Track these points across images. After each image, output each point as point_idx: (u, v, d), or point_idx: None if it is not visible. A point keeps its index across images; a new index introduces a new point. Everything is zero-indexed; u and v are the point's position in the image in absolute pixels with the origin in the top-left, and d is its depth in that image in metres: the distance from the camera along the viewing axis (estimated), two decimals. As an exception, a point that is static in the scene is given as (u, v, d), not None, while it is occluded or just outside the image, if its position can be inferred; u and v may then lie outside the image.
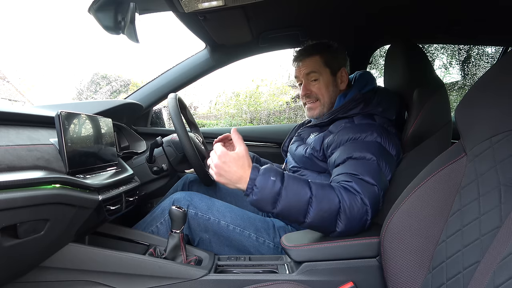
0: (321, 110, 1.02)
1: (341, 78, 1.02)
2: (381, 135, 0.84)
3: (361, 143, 0.83)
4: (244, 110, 5.03)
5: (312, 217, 0.70)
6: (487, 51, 3.00)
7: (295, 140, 1.08)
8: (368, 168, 0.77)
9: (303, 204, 0.70)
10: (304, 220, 0.71)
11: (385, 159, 0.81)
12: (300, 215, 0.71)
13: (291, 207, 0.70)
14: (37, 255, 0.66)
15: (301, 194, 0.70)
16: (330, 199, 0.71)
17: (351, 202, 0.71)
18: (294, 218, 0.72)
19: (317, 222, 0.71)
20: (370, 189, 0.74)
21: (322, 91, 1.01)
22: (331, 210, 0.71)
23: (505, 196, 0.50)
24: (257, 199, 0.70)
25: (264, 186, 0.69)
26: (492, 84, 0.58)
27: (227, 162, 0.71)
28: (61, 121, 0.68)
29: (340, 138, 0.86)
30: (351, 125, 0.89)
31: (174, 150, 1.13)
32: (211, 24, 1.10)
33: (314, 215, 0.70)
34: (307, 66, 1.02)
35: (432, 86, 0.90)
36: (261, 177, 0.70)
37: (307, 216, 0.70)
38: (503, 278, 0.43)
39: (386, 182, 0.79)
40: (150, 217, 0.99)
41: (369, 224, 0.74)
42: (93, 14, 0.88)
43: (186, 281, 0.75)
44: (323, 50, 1.01)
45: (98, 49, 13.19)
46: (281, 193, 0.69)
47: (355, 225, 0.72)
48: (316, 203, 0.70)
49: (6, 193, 0.51)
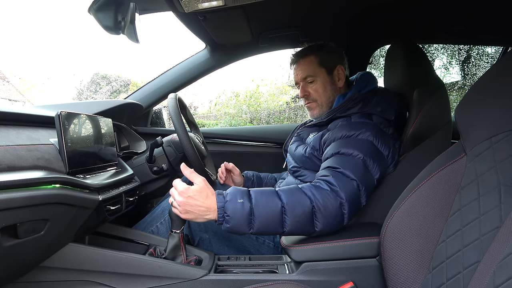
0: (320, 110, 1.03)
1: (338, 76, 1.02)
2: (375, 134, 0.84)
3: (352, 140, 0.83)
4: (244, 110, 5.02)
5: (289, 225, 0.70)
6: (487, 51, 3.00)
7: (294, 140, 1.08)
8: (351, 164, 0.78)
9: (277, 215, 0.70)
10: (283, 230, 0.71)
11: (375, 158, 0.81)
12: (278, 227, 0.71)
13: (267, 222, 0.70)
14: (37, 255, 0.66)
15: (272, 206, 0.70)
16: (302, 203, 0.71)
17: (324, 199, 0.71)
18: (272, 231, 0.72)
19: (296, 228, 0.71)
20: (348, 184, 0.74)
21: (320, 92, 1.02)
22: (306, 212, 0.71)
23: (505, 196, 0.50)
24: (231, 226, 0.69)
25: (234, 211, 0.69)
26: (492, 84, 0.58)
27: (191, 196, 0.70)
28: (61, 121, 0.68)
29: (335, 135, 0.87)
30: (347, 123, 0.89)
31: (174, 150, 1.13)
32: (211, 24, 1.10)
33: (290, 222, 0.70)
34: (302, 70, 1.03)
35: (432, 86, 0.90)
36: (229, 203, 0.69)
37: (285, 226, 0.71)
38: (503, 278, 0.43)
39: (371, 180, 0.80)
40: (150, 217, 0.99)
41: (347, 218, 0.74)
42: (93, 14, 0.88)
43: (186, 281, 0.75)
44: (317, 50, 1.02)
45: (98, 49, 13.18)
46: (253, 212, 0.69)
47: (333, 221, 0.72)
48: (289, 210, 0.70)
49: (6, 193, 0.51)
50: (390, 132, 0.89)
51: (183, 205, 0.71)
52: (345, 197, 0.72)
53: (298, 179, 0.97)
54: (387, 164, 0.85)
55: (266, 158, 1.55)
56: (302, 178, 0.96)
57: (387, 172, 0.87)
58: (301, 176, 0.97)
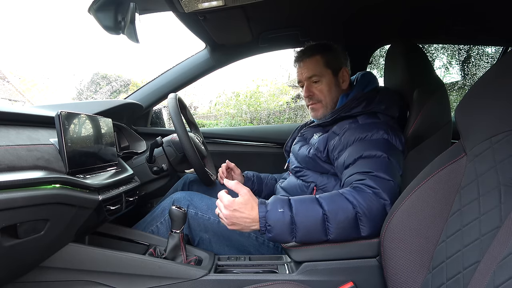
0: (324, 111, 1.02)
1: (343, 77, 1.02)
2: (387, 131, 0.83)
3: (368, 142, 0.82)
4: (244, 110, 5.02)
5: (333, 232, 0.70)
6: (487, 51, 2.99)
7: (298, 141, 1.08)
8: (381, 165, 0.77)
9: (319, 223, 0.70)
10: (327, 237, 0.71)
11: (395, 154, 0.81)
12: (322, 235, 0.70)
13: (309, 231, 0.70)
14: (37, 255, 0.66)
15: (313, 214, 0.70)
16: (344, 208, 0.70)
17: (368, 202, 0.70)
18: (316, 238, 0.71)
19: (340, 235, 0.71)
20: (387, 184, 0.73)
21: (324, 92, 1.00)
22: (349, 218, 0.70)
23: (505, 196, 0.50)
24: (274, 235, 0.70)
25: (275, 220, 0.69)
26: (492, 84, 0.58)
27: (237, 209, 0.71)
28: (61, 121, 0.68)
29: (347, 140, 0.86)
30: (356, 126, 0.88)
31: (174, 150, 1.13)
32: (211, 24, 1.10)
33: (334, 230, 0.70)
34: (308, 69, 1.01)
35: (432, 86, 0.90)
36: (269, 212, 0.70)
37: (329, 233, 0.70)
38: (503, 278, 0.43)
39: (399, 178, 0.79)
40: (150, 217, 0.99)
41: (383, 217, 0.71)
42: (93, 14, 0.88)
43: (186, 281, 0.75)
44: (324, 51, 1.01)
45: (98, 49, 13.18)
46: (294, 221, 0.69)
47: (378, 223, 0.70)
48: (332, 218, 0.69)
49: (6, 193, 0.51)
50: (398, 128, 0.89)
51: (230, 218, 0.72)
52: (388, 197, 0.71)
53: (300, 179, 0.97)
54: (403, 159, 0.85)
55: (266, 158, 1.55)
56: (304, 178, 0.96)
57: None
58: (303, 176, 0.97)
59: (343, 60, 1.03)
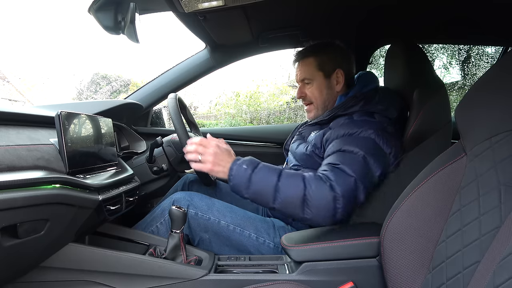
0: (315, 112, 1.04)
1: (337, 79, 1.01)
2: (377, 132, 0.84)
3: (354, 138, 0.84)
4: (244, 110, 5.02)
5: (279, 202, 0.77)
6: (487, 51, 3.00)
7: (296, 139, 1.08)
8: (351, 160, 0.80)
9: (270, 189, 0.77)
10: (273, 205, 0.78)
11: (376, 155, 0.81)
12: (269, 200, 0.77)
13: (260, 192, 0.78)
14: (37, 255, 0.66)
15: (268, 180, 0.78)
16: (296, 186, 0.76)
17: (318, 190, 0.75)
18: (264, 202, 0.79)
19: (284, 208, 0.77)
20: (346, 179, 0.76)
21: (315, 94, 1.02)
22: (296, 197, 0.75)
23: (505, 196, 0.50)
24: (233, 184, 0.80)
25: (237, 174, 0.79)
26: (492, 84, 0.58)
27: (224, 151, 0.82)
28: (61, 121, 0.67)
29: (337, 133, 0.88)
30: (350, 121, 0.90)
31: (174, 150, 1.13)
32: (211, 24, 1.10)
33: (281, 200, 0.76)
34: (301, 71, 1.03)
35: (432, 86, 0.90)
36: (236, 166, 0.80)
37: (275, 202, 0.77)
38: (503, 278, 0.43)
39: (372, 178, 0.81)
40: (150, 217, 0.99)
41: (341, 213, 0.75)
42: (93, 14, 0.88)
43: (186, 281, 0.75)
44: (319, 52, 1.02)
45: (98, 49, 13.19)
46: (250, 179, 0.78)
47: (325, 213, 0.75)
48: (282, 190, 0.76)
49: (6, 193, 0.51)
50: (393, 131, 0.89)
51: (216, 156, 0.81)
52: (341, 192, 0.75)
53: None
54: (389, 162, 0.85)
55: (266, 158, 1.54)
56: None
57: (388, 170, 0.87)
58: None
59: (340, 61, 1.02)
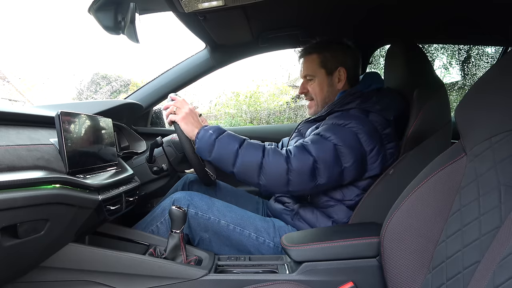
0: (315, 109, 1.06)
1: (339, 77, 1.02)
2: (363, 129, 0.85)
3: (337, 128, 0.86)
4: (244, 110, 5.02)
5: (238, 167, 0.83)
6: (487, 51, 2.99)
7: (295, 136, 1.10)
8: (320, 144, 0.83)
9: (231, 155, 0.83)
10: (232, 169, 0.84)
11: (351, 148, 0.83)
12: (229, 164, 0.84)
13: (222, 156, 0.84)
14: (37, 255, 0.66)
15: (230, 146, 0.84)
16: (254, 154, 0.82)
17: (274, 160, 0.81)
18: (224, 166, 0.85)
19: (242, 173, 0.84)
20: (304, 157, 0.81)
21: (316, 91, 1.04)
22: (253, 163, 0.82)
23: (505, 196, 0.50)
24: (197, 147, 0.87)
25: (203, 137, 0.86)
26: (492, 84, 0.58)
27: (195, 115, 0.91)
28: (61, 121, 0.67)
29: (327, 122, 0.91)
30: (341, 114, 0.91)
31: (174, 150, 1.13)
32: (211, 24, 1.10)
33: (239, 165, 0.83)
34: (304, 67, 1.05)
35: (432, 86, 0.90)
36: (203, 130, 0.87)
37: (234, 166, 0.83)
38: (503, 278, 0.43)
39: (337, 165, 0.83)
40: (150, 217, 0.99)
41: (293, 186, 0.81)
42: (93, 14, 0.88)
43: (186, 281, 0.75)
44: (322, 49, 1.02)
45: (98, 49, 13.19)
46: (215, 144, 0.84)
47: (276, 182, 0.82)
48: (241, 155, 0.83)
49: (6, 193, 0.51)
50: (385, 132, 0.88)
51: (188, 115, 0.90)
52: (294, 165, 0.80)
53: None
54: (367, 160, 0.86)
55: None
56: None
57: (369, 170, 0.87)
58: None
59: (344, 59, 1.03)
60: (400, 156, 0.89)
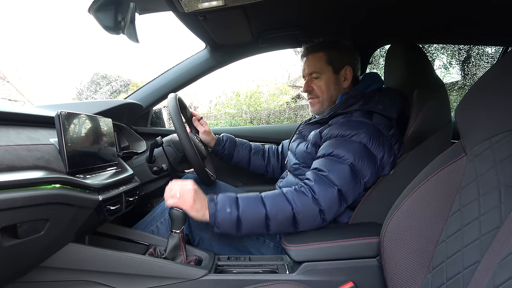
0: (320, 106, 1.05)
1: (345, 76, 1.02)
2: (370, 136, 0.85)
3: (346, 141, 0.86)
4: (244, 110, 5.02)
5: (273, 228, 0.80)
6: (487, 51, 3.00)
7: (296, 138, 1.09)
8: (338, 168, 0.82)
9: (261, 221, 0.79)
10: (268, 231, 0.80)
11: (365, 160, 0.84)
12: (264, 229, 0.80)
13: (253, 227, 0.80)
14: (37, 255, 0.66)
15: (257, 214, 0.79)
16: (284, 209, 0.79)
17: (304, 206, 0.79)
18: (259, 232, 0.84)
19: (279, 230, 0.82)
20: (329, 191, 0.80)
21: (322, 89, 1.03)
22: (287, 218, 0.79)
23: (505, 196, 0.50)
24: (221, 231, 0.79)
25: (223, 219, 0.78)
26: (492, 84, 0.58)
27: (200, 194, 0.81)
28: (61, 121, 0.67)
29: (332, 132, 0.89)
30: (346, 121, 0.91)
31: (174, 150, 1.13)
32: (211, 24, 1.09)
33: (274, 226, 0.79)
34: (310, 65, 1.04)
35: (432, 86, 0.90)
36: (218, 212, 0.78)
37: (269, 229, 0.80)
38: (503, 278, 0.43)
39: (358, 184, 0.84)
40: (150, 217, 0.99)
41: (327, 220, 0.81)
42: (93, 14, 0.88)
43: (186, 281, 0.75)
44: (329, 48, 1.02)
45: (98, 49, 13.20)
46: (240, 220, 0.78)
47: (312, 223, 0.81)
48: (272, 217, 0.79)
49: (6, 193, 0.51)
50: (390, 133, 0.88)
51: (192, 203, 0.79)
52: (324, 205, 0.79)
53: (298, 178, 0.97)
54: (380, 165, 0.87)
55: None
56: (302, 177, 0.96)
57: (382, 173, 0.88)
58: (301, 175, 0.97)
59: (349, 59, 1.03)
60: (400, 157, 0.89)
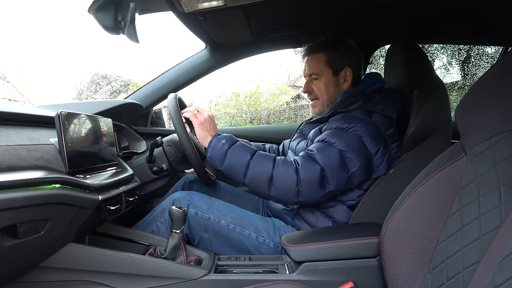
0: (320, 108, 1.05)
1: (345, 77, 1.02)
2: (367, 131, 0.85)
3: (342, 132, 0.86)
4: (244, 110, 5.03)
5: (248, 178, 0.84)
6: (487, 51, 3.00)
7: (296, 137, 1.09)
8: (326, 151, 0.83)
9: (242, 165, 0.84)
10: (243, 180, 0.85)
11: (357, 152, 0.83)
12: (241, 176, 0.85)
13: (233, 167, 0.85)
14: (37, 255, 0.66)
15: (242, 157, 0.85)
16: (265, 166, 0.83)
17: (284, 172, 0.81)
18: (235, 176, 0.86)
19: (253, 183, 0.85)
20: (312, 166, 0.81)
21: (322, 90, 1.03)
22: (264, 174, 0.82)
23: (505, 196, 0.50)
24: (209, 156, 0.88)
25: (215, 146, 0.87)
26: (492, 84, 0.58)
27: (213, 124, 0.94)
28: (61, 121, 0.67)
29: (330, 125, 0.90)
30: (345, 116, 0.91)
31: (174, 150, 1.13)
32: (211, 24, 1.10)
33: (250, 177, 0.84)
34: (309, 66, 1.04)
35: (432, 86, 0.90)
36: (215, 139, 0.88)
37: (245, 177, 0.84)
38: (503, 278, 0.43)
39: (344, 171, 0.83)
40: (150, 217, 0.99)
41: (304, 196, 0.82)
42: (93, 14, 0.88)
43: (186, 281, 0.75)
44: (329, 48, 1.02)
45: (98, 49, 13.21)
46: (227, 154, 0.86)
47: (286, 193, 0.82)
48: (252, 167, 0.83)
49: (6, 193, 0.51)
50: (388, 132, 0.88)
51: (205, 122, 0.92)
52: (303, 177, 0.80)
53: None
54: (373, 162, 0.87)
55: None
56: None
57: (378, 172, 0.88)
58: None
59: (349, 60, 1.03)
60: (400, 157, 0.89)
